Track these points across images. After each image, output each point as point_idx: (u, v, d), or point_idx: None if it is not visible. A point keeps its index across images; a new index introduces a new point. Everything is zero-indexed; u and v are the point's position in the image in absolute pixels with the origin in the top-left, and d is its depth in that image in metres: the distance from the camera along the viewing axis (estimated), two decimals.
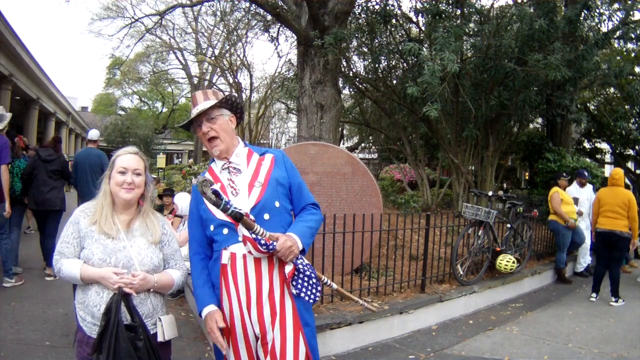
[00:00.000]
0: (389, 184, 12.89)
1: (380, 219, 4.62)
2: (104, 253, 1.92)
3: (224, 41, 18.74)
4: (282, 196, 2.01)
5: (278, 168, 2.05)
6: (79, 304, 1.97)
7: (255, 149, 2.13)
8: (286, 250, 1.83)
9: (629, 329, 4.71)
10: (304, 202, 2.08)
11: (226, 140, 2.02)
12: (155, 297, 2.03)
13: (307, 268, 1.91)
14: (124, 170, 1.99)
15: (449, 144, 8.07)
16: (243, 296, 1.89)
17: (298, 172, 2.14)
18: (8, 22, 8.77)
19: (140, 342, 1.86)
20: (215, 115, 2.02)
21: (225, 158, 2.04)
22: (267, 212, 1.93)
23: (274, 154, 2.11)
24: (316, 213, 2.09)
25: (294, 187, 2.07)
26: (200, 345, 3.90)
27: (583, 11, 6.54)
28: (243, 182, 1.99)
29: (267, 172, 2.01)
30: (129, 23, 16.69)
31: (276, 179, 2.00)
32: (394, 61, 8.64)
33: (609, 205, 5.60)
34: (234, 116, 2.10)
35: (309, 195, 2.12)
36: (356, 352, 3.91)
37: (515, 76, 6.63)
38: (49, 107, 14.68)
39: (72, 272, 1.90)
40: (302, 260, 1.91)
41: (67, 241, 1.96)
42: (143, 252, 1.98)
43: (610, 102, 11.65)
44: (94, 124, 30.11)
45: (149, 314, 1.99)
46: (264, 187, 1.96)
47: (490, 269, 5.61)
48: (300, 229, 1.96)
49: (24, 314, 4.24)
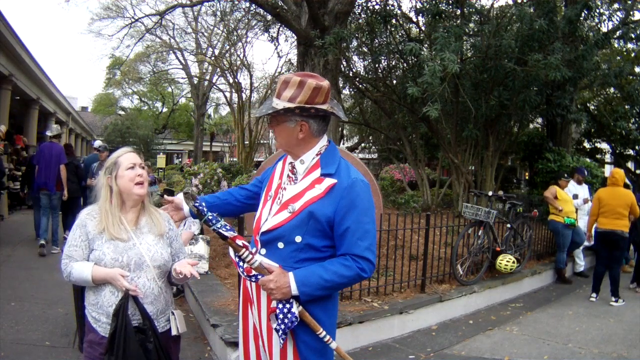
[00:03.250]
0: (389, 184, 12.88)
1: (380, 219, 4.62)
2: (116, 252, 1.92)
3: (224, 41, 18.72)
4: (313, 232, 1.70)
5: (327, 200, 1.68)
6: (90, 306, 1.97)
7: (326, 163, 1.75)
8: (266, 289, 1.67)
9: (629, 329, 4.71)
10: (344, 250, 1.69)
11: (283, 144, 1.79)
12: (167, 292, 2.06)
13: (286, 317, 1.66)
14: (133, 165, 2.00)
15: (449, 144, 8.07)
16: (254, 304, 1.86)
17: (362, 211, 1.69)
18: (8, 22, 8.76)
19: (151, 345, 1.87)
20: (277, 121, 1.76)
21: (293, 157, 1.81)
22: (282, 242, 1.72)
23: (338, 180, 1.70)
24: (350, 267, 1.66)
25: (338, 228, 1.69)
26: (200, 345, 3.90)
27: (583, 11, 6.54)
28: (287, 195, 1.76)
29: (309, 201, 1.70)
30: (129, 23, 16.69)
31: (312, 212, 1.68)
32: (394, 61, 8.65)
33: (610, 206, 5.59)
34: (305, 124, 1.71)
35: (356, 244, 1.67)
36: (356, 352, 3.90)
37: (515, 76, 6.63)
38: (49, 107, 14.66)
39: (83, 274, 1.90)
40: (288, 306, 1.66)
41: (75, 245, 1.95)
42: (153, 248, 1.99)
43: (610, 102, 11.66)
44: (93, 124, 30.16)
45: (163, 310, 2.02)
46: (293, 216, 1.70)
47: (490, 269, 5.61)
48: (308, 274, 1.66)
49: (24, 314, 4.24)
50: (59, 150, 6.96)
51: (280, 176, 1.85)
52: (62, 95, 16.29)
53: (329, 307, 1.80)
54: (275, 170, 1.90)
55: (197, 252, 5.09)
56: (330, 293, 1.75)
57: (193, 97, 26.71)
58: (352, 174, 1.73)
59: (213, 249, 5.71)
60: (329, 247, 1.74)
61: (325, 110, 1.72)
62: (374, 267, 1.73)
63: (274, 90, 1.78)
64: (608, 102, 11.76)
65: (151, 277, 1.97)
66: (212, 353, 3.70)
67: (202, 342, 3.95)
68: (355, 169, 1.80)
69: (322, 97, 1.70)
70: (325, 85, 1.71)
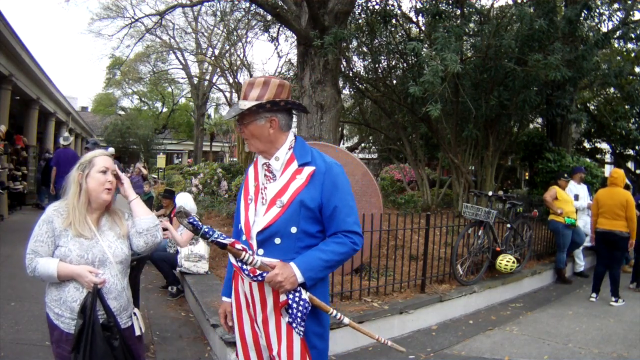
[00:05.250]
0: (389, 184, 12.88)
1: (380, 219, 4.62)
2: (81, 249, 1.97)
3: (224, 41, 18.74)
4: (306, 219, 1.78)
5: (312, 186, 1.78)
6: (53, 302, 2.00)
7: (301, 154, 1.85)
8: (275, 284, 1.71)
9: (629, 329, 4.71)
10: (335, 228, 1.79)
11: (256, 145, 1.85)
12: (128, 289, 2.14)
13: (299, 304, 1.73)
14: (105, 170, 2.04)
15: (449, 144, 8.07)
16: (251, 306, 1.88)
17: (343, 190, 1.82)
18: (8, 22, 8.76)
19: (116, 342, 1.93)
20: (247, 121, 1.82)
21: (266, 157, 1.87)
22: (278, 237, 1.77)
23: (316, 166, 1.81)
24: (344, 243, 1.78)
25: (327, 210, 1.79)
26: (200, 345, 3.90)
27: (583, 11, 6.53)
28: (271, 193, 1.82)
29: (295, 191, 1.77)
30: (129, 23, 16.71)
31: (301, 201, 1.76)
32: (394, 61, 8.65)
33: (607, 206, 5.60)
34: (275, 118, 1.80)
35: (344, 221, 1.79)
36: (356, 352, 3.91)
37: (515, 76, 6.63)
38: (49, 107, 14.66)
39: (49, 270, 1.93)
40: (298, 294, 1.73)
41: (41, 240, 1.98)
42: (113, 244, 2.06)
43: (610, 102, 11.65)
44: (93, 124, 30.15)
45: (125, 307, 2.08)
46: (283, 210, 1.76)
47: (490, 269, 5.61)
48: (308, 260, 1.74)
49: (24, 314, 4.24)
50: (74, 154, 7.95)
51: (256, 178, 1.91)
52: (62, 95, 16.29)
53: (325, 290, 1.91)
54: (249, 176, 1.96)
55: (197, 252, 5.10)
56: (330, 272, 1.85)
57: (193, 97, 26.73)
58: (326, 159, 1.86)
59: (213, 249, 5.71)
60: (322, 232, 1.84)
61: (294, 101, 1.86)
62: (362, 239, 1.85)
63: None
64: (608, 102, 11.76)
65: (114, 274, 2.04)
66: (212, 353, 3.70)
67: (202, 342, 3.95)
68: (326, 154, 1.91)
69: (286, 93, 1.83)
70: (287, 84, 1.84)
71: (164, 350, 3.75)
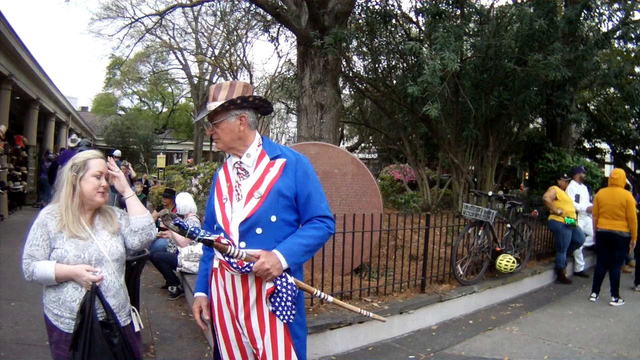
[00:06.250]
0: (389, 184, 12.88)
1: (380, 219, 4.62)
2: (77, 249, 1.98)
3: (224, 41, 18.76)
4: (284, 208, 1.88)
5: (286, 176, 1.89)
6: (51, 303, 2.01)
7: (270, 149, 1.96)
8: (262, 272, 1.77)
9: (629, 329, 4.70)
10: (310, 214, 1.92)
11: (226, 142, 1.94)
12: (125, 287, 2.16)
13: (287, 289, 1.80)
14: (99, 174, 2.06)
15: (449, 144, 8.07)
16: (232, 302, 1.91)
17: (314, 178, 1.96)
18: (8, 22, 8.77)
19: (116, 339, 1.95)
20: (217, 120, 1.92)
21: (237, 155, 1.96)
22: (259, 226, 1.85)
23: (287, 158, 1.93)
24: (320, 227, 1.90)
25: (301, 197, 1.91)
26: (200, 345, 3.90)
27: (583, 11, 6.54)
28: (246, 188, 1.90)
29: (271, 182, 1.88)
30: (129, 23, 16.74)
31: (278, 191, 1.86)
32: (394, 61, 8.65)
33: (608, 206, 5.60)
34: (244, 115, 1.92)
35: (318, 207, 1.92)
36: (356, 352, 3.91)
37: (515, 76, 6.63)
38: (49, 107, 14.67)
39: (47, 273, 1.94)
40: (284, 279, 1.81)
41: (37, 244, 1.98)
42: (108, 243, 2.08)
43: (610, 102, 11.66)
44: (93, 124, 30.12)
45: (123, 304, 2.11)
46: (262, 200, 1.85)
47: (490, 269, 5.61)
48: (290, 246, 1.83)
49: (24, 314, 4.25)
50: None
51: (227, 179, 1.98)
52: (62, 95, 16.29)
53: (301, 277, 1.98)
54: (219, 179, 2.02)
55: (197, 252, 5.10)
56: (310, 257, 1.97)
57: (193, 97, 26.73)
58: (294, 152, 2.00)
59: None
60: (298, 222, 1.96)
61: (261, 97, 1.99)
62: (335, 223, 2.02)
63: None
64: (608, 102, 11.76)
65: (111, 272, 2.06)
66: (212, 353, 3.69)
67: (202, 342, 3.95)
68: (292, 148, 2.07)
69: (251, 93, 1.96)
70: (250, 85, 2.01)
71: (164, 350, 3.76)
